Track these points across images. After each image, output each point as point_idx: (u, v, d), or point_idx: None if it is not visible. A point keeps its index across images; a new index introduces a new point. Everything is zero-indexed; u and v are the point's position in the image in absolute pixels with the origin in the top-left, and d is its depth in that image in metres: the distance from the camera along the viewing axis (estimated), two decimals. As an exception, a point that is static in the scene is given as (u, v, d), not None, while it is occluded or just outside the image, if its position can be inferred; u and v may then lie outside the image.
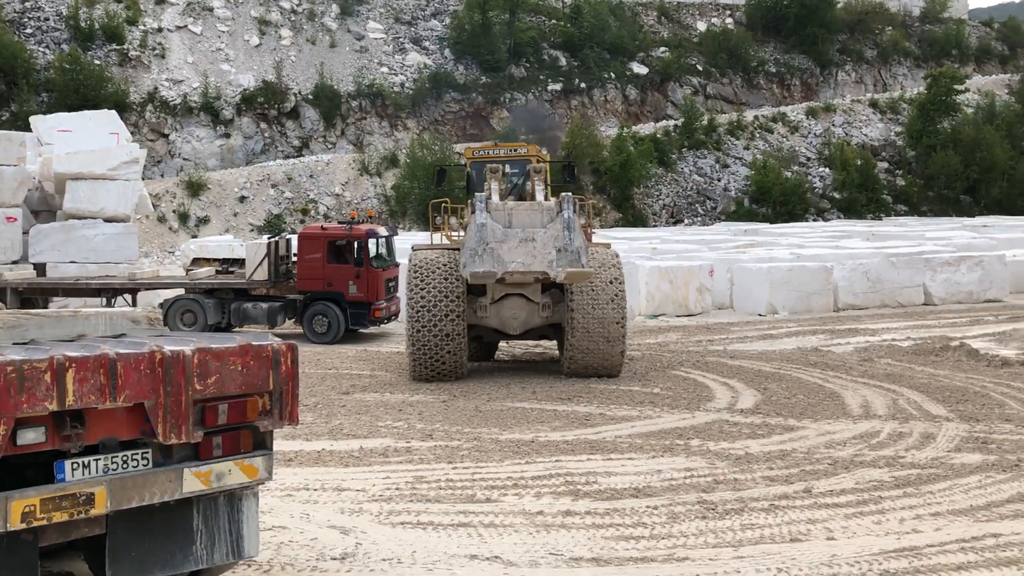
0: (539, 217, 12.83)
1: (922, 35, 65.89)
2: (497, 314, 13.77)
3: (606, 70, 54.26)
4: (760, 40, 60.08)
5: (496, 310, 13.76)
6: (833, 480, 8.36)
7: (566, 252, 12.38)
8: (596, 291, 13.51)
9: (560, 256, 12.39)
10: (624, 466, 9.05)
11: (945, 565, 6.00)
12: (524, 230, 12.60)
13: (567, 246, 12.39)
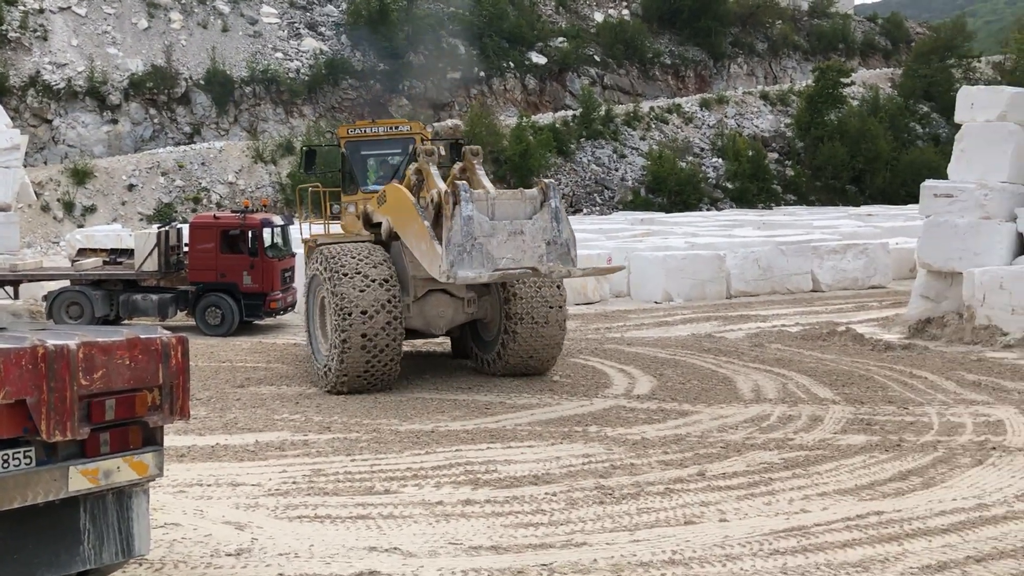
0: (523, 207, 11.36)
1: (810, 29, 67.91)
2: (421, 313, 12.76)
3: (505, 59, 54.36)
4: (656, 32, 61.02)
5: (419, 309, 12.75)
6: (726, 463, 8.58)
7: (555, 245, 11.16)
8: (539, 283, 12.68)
9: (550, 250, 11.15)
10: (523, 454, 9.12)
11: (831, 543, 6.22)
12: (512, 222, 11.15)
13: (556, 238, 11.17)
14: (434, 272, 11.30)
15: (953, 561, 5.83)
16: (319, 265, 12.62)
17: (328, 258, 12.44)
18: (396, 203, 12.35)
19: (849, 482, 7.87)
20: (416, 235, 11.75)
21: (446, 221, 11.02)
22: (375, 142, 14.61)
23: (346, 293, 11.98)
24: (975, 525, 6.57)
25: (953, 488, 7.56)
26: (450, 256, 10.83)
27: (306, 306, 13.50)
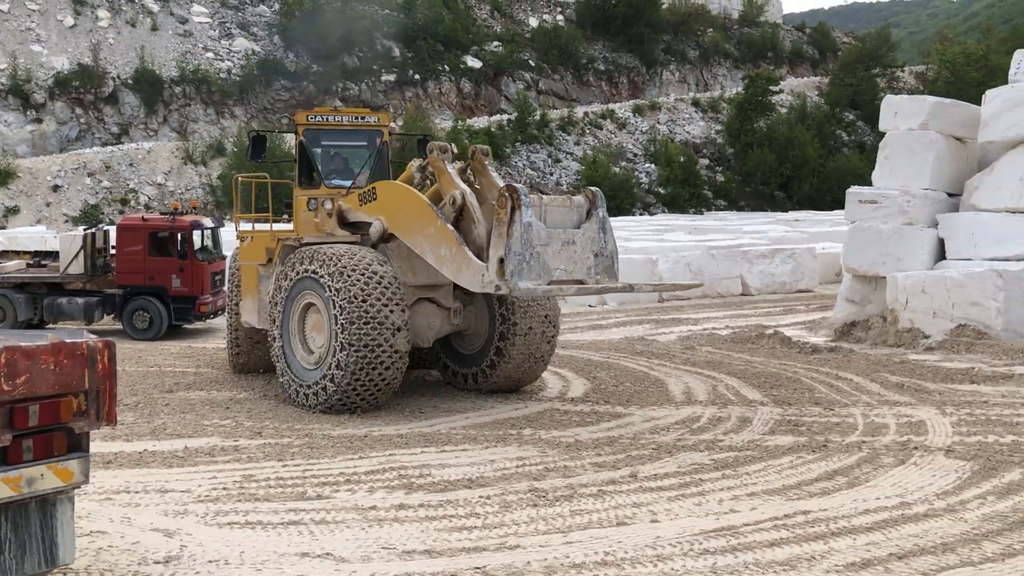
0: (571, 215, 10.45)
1: (741, 37, 69.11)
2: (410, 323, 11.60)
3: (440, 62, 54.29)
4: (590, 38, 61.55)
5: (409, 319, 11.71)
6: (657, 464, 8.69)
7: (602, 257, 10.40)
8: None
9: (597, 262, 10.38)
10: (458, 457, 9.11)
11: (759, 542, 6.34)
12: (565, 231, 10.30)
13: (602, 250, 10.41)
14: (469, 281, 10.42)
15: (876, 558, 5.97)
16: (313, 268, 11.19)
17: (329, 260, 11.06)
18: (399, 202, 11.31)
19: (777, 482, 8.02)
20: (435, 239, 10.76)
21: (498, 226, 10.03)
22: (338, 132, 13.13)
23: (365, 299, 10.73)
24: (897, 523, 6.74)
25: (877, 487, 7.76)
26: (510, 265, 9.87)
27: (277, 314, 11.71)
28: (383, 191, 11.65)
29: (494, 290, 10.10)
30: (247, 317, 13.09)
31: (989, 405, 11.18)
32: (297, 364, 11.52)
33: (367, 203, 11.77)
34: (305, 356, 11.48)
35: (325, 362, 11.06)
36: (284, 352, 11.65)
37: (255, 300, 12.97)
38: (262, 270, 12.87)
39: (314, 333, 11.42)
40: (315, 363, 11.28)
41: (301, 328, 11.57)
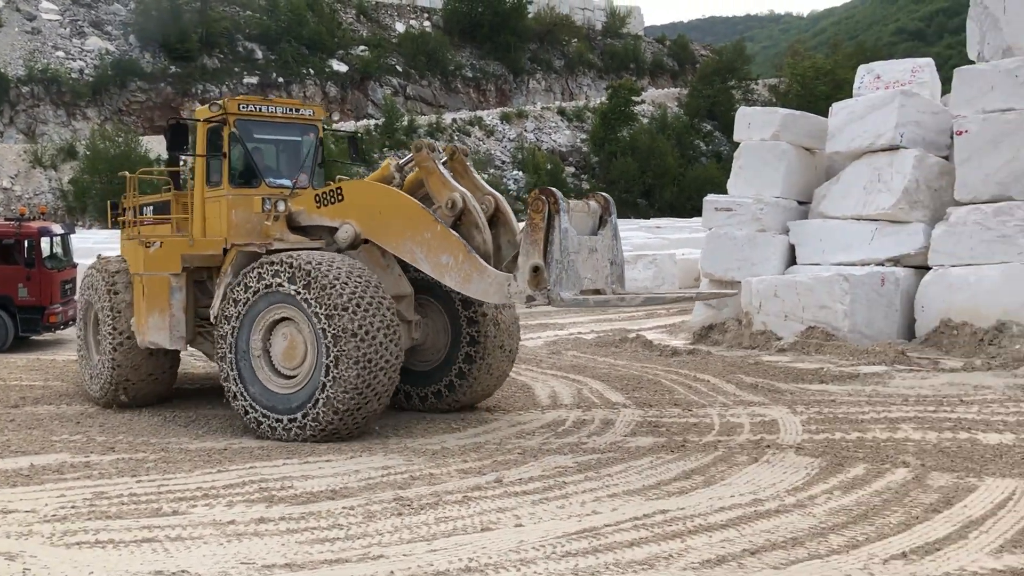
0: (588, 222, 10.05)
1: (604, 48, 70.58)
2: None
3: (305, 66, 53.46)
4: (457, 45, 61.76)
5: None
6: (523, 469, 8.76)
7: (615, 266, 10.07)
8: (498, 308, 11.37)
9: (612, 270, 10.04)
10: (321, 468, 8.96)
11: (620, 543, 6.46)
12: (589, 238, 9.90)
13: (615, 258, 10.09)
14: (484, 292, 9.71)
15: (731, 555, 6.17)
16: (289, 280, 9.94)
17: (311, 271, 9.83)
18: (378, 205, 10.41)
19: (638, 483, 8.20)
20: (433, 246, 9.95)
21: (532, 232, 9.36)
22: (272, 124, 11.64)
23: (346, 310, 9.69)
24: (751, 519, 6.99)
25: (732, 485, 8.02)
26: (552, 274, 9.28)
27: (228, 332, 10.40)
28: (353, 192, 10.68)
29: (524, 301, 9.50)
30: (153, 337, 11.47)
31: (836, 404, 11.72)
32: (262, 389, 10.21)
33: (328, 205, 10.75)
34: (275, 379, 10.22)
35: (310, 384, 9.90)
36: (241, 376, 10.32)
37: (166, 316, 11.36)
38: (175, 281, 11.36)
39: (287, 353, 10.14)
40: (296, 386, 10.06)
41: (266, 348, 10.31)
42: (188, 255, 11.36)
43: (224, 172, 11.24)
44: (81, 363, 12.92)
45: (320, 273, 9.82)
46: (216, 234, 11.26)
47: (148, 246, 11.63)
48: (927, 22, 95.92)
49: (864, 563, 5.91)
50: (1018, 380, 13.25)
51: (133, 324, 11.83)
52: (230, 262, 10.91)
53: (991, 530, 6.54)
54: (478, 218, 10.06)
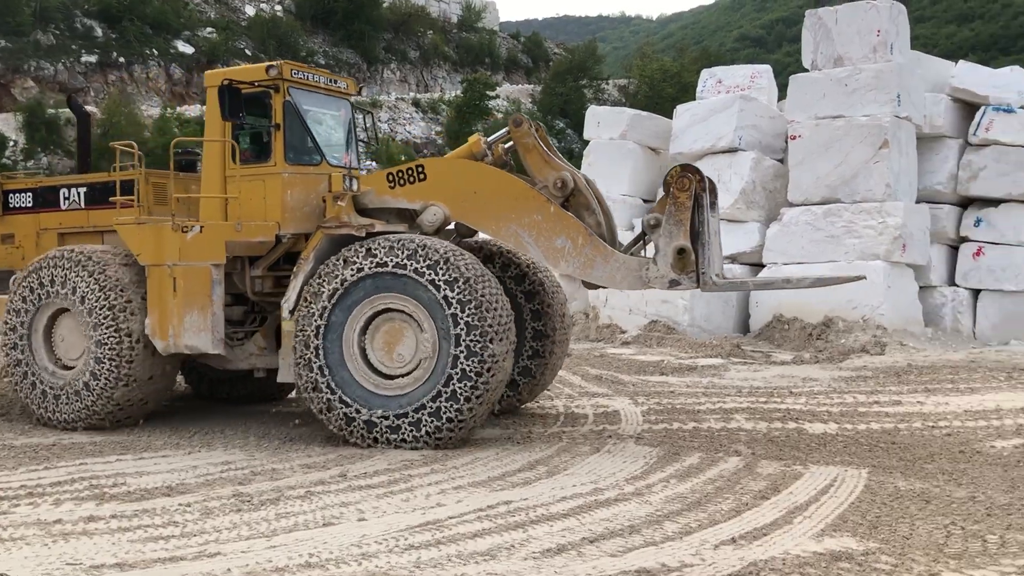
0: None
1: (459, 42, 70.62)
2: None
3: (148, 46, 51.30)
4: (310, 31, 60.55)
5: None
6: (368, 463, 8.69)
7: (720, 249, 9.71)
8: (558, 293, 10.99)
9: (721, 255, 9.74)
10: (157, 464, 8.65)
11: (463, 534, 6.49)
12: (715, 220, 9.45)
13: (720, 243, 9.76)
14: (610, 278, 9.17)
15: (571, 543, 6.30)
16: (412, 263, 8.94)
17: (452, 258, 8.91)
18: (474, 184, 9.55)
19: (483, 474, 8.26)
20: (545, 229, 9.23)
21: (677, 212, 8.81)
22: (317, 96, 10.36)
23: (492, 305, 8.89)
24: (591, 508, 7.15)
25: (574, 475, 8.19)
26: (704, 256, 8.86)
27: (314, 325, 9.24)
28: (439, 170, 9.77)
29: (665, 286, 9.01)
30: (191, 340, 9.81)
31: (675, 395, 12.14)
32: (362, 391, 9.19)
33: (406, 184, 9.77)
34: (376, 379, 9.22)
35: (428, 383, 8.99)
36: (334, 378, 9.20)
37: (207, 314, 9.77)
38: (216, 273, 9.81)
39: (390, 348, 9.20)
40: (408, 386, 9.11)
41: (362, 344, 9.27)
42: (233, 242, 9.79)
43: (278, 147, 9.81)
44: (22, 381, 10.48)
45: (462, 263, 8.91)
46: (258, 218, 9.84)
47: (186, 231, 9.88)
48: (768, 30, 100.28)
49: (696, 549, 6.13)
50: (843, 373, 14.04)
51: (148, 327, 9.94)
52: (313, 248, 9.65)
53: (814, 515, 6.90)
54: (590, 198, 9.50)
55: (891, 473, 8.16)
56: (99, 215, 10.87)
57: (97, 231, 10.94)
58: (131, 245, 10.14)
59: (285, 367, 9.67)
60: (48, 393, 10.31)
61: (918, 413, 11.02)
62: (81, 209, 11.05)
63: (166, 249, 9.89)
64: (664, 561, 5.89)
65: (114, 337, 9.93)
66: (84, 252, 10.25)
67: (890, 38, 18.19)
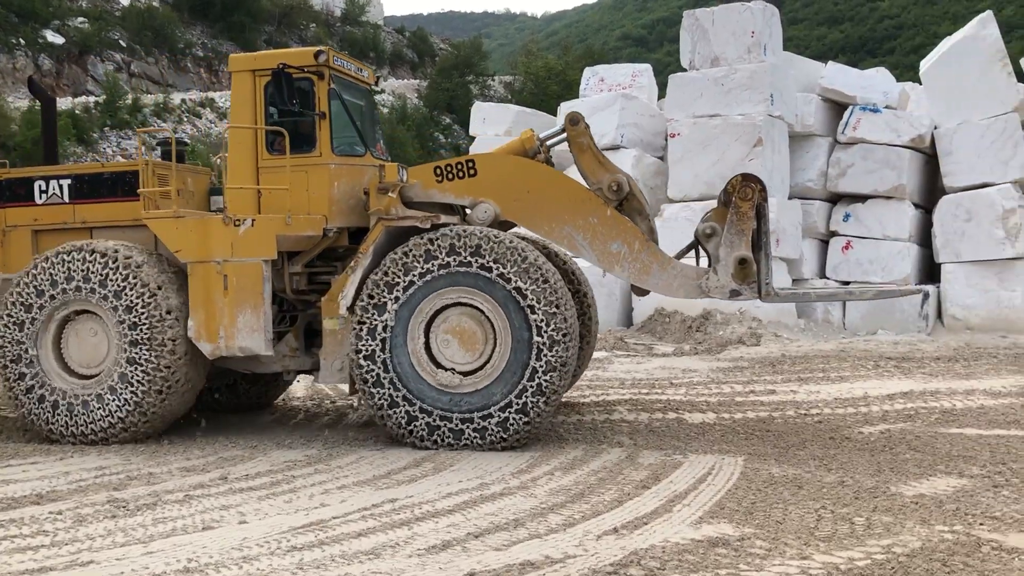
0: None
1: (343, 35, 69.74)
2: None
3: (14, 35, 49.02)
4: (187, 22, 58.88)
5: None
6: (250, 464, 8.53)
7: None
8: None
9: None
10: (26, 471, 8.30)
11: (347, 534, 6.44)
12: None
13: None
14: (667, 286, 9.15)
15: (456, 539, 6.31)
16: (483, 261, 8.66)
17: (527, 254, 8.65)
18: (528, 183, 9.29)
19: (368, 473, 8.21)
20: (600, 233, 9.14)
21: (739, 222, 8.83)
22: (349, 85, 9.96)
23: (566, 306, 8.69)
24: (476, 503, 7.18)
25: (459, 471, 8.21)
26: (766, 267, 8.99)
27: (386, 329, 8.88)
28: (491, 166, 9.48)
29: (727, 297, 9.01)
30: (245, 341, 9.22)
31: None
32: (429, 389, 8.87)
33: (454, 179, 9.43)
34: (442, 376, 8.89)
35: (500, 381, 8.73)
36: (399, 376, 8.88)
37: (260, 313, 9.21)
38: (266, 269, 9.26)
39: (451, 344, 8.87)
40: (478, 383, 8.82)
41: (427, 340, 8.93)
42: (283, 236, 9.24)
43: (324, 136, 9.32)
44: (25, 394, 9.50)
45: (538, 260, 8.66)
46: (300, 211, 9.28)
47: (238, 225, 9.22)
48: (649, 29, 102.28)
49: (580, 540, 6.23)
50: (721, 364, 14.47)
51: (193, 330, 9.25)
52: (373, 241, 9.15)
53: (693, 503, 7.10)
54: (644, 203, 9.44)
55: (766, 460, 8.45)
56: (89, 210, 9.92)
57: (85, 227, 9.92)
58: (169, 241, 9.37)
59: (327, 368, 9.22)
60: (59, 405, 9.41)
61: (791, 402, 11.44)
62: (64, 203, 9.96)
63: (215, 245, 9.22)
64: (548, 553, 5.97)
65: (155, 339, 9.16)
66: (108, 247, 9.35)
67: (764, 39, 18.80)
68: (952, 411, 10.71)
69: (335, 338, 9.12)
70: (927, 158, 19.72)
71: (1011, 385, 12.33)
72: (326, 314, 9.16)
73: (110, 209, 9.86)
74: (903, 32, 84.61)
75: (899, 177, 19.06)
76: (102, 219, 9.86)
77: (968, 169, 18.54)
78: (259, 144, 9.40)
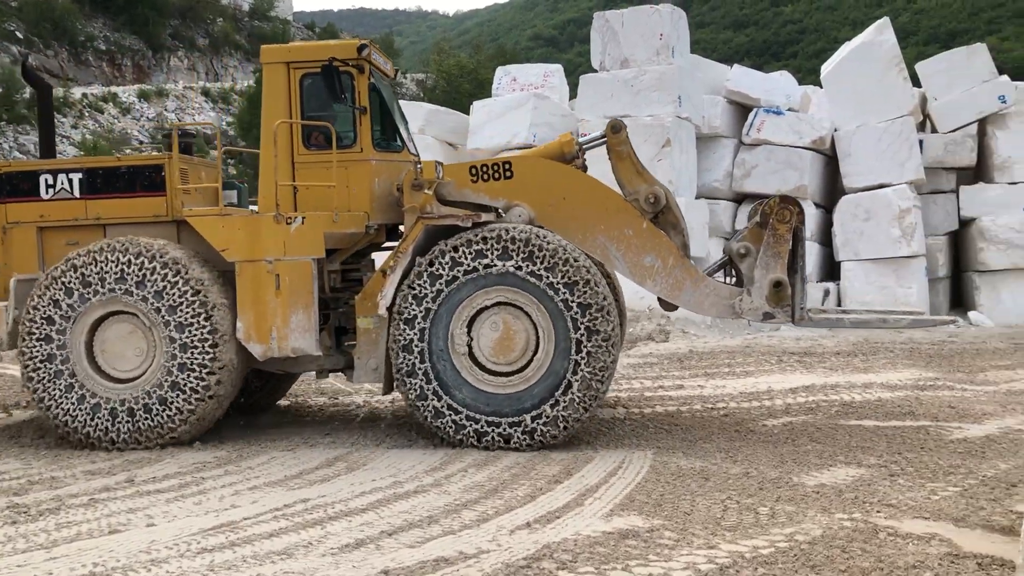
0: None
1: (251, 30, 68.60)
2: None
3: (-99, 24, 46.95)
4: (88, 15, 57.17)
5: None
6: (157, 467, 8.36)
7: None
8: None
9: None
10: (-82, 478, 7.99)
11: (258, 535, 6.37)
12: None
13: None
14: (698, 304, 9.15)
15: (369, 537, 6.31)
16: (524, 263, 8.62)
17: (569, 255, 8.60)
18: (564, 189, 9.19)
19: (280, 473, 8.13)
20: (635, 245, 9.10)
21: (776, 244, 8.87)
22: (382, 80, 9.84)
23: (609, 309, 8.63)
24: (390, 501, 7.18)
25: (373, 470, 8.19)
26: (800, 291, 9.01)
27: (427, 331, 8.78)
28: (528, 169, 9.30)
29: (759, 318, 8.96)
30: (298, 342, 9.02)
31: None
32: (475, 392, 8.79)
33: (489, 180, 9.29)
34: (487, 378, 8.81)
35: (543, 380, 8.67)
36: (442, 382, 8.79)
37: (310, 313, 9.03)
38: (315, 268, 9.09)
39: (500, 345, 8.78)
40: (523, 383, 8.74)
41: (469, 341, 8.82)
42: (331, 234, 9.11)
43: (365, 132, 9.17)
44: (64, 395, 9.05)
45: (583, 263, 8.59)
46: (340, 207, 9.13)
47: (290, 222, 9.00)
48: (560, 30, 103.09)
49: (493, 535, 6.29)
50: (631, 359, 14.70)
51: (242, 331, 8.98)
52: (413, 239, 8.97)
53: (604, 496, 7.22)
54: (679, 218, 9.38)
55: (674, 453, 8.64)
56: (103, 205, 9.44)
57: (99, 224, 9.46)
58: (215, 239, 9.05)
59: (361, 367, 9.05)
60: (102, 408, 9.00)
61: (699, 396, 11.71)
62: (74, 199, 9.44)
63: (266, 243, 8.97)
64: (461, 549, 6.01)
65: (207, 340, 8.86)
66: (149, 245, 8.97)
67: (672, 42, 19.15)
68: (851, 404, 11.10)
69: (369, 337, 8.99)
70: (827, 159, 20.36)
71: (906, 378, 12.83)
72: (360, 312, 9.03)
73: (128, 205, 9.41)
74: (806, 36, 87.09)
75: (801, 178, 19.63)
76: (118, 215, 9.43)
77: (866, 170, 19.20)
78: (295, 139, 9.20)
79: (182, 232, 9.40)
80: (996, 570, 5.47)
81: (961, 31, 73.61)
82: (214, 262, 9.19)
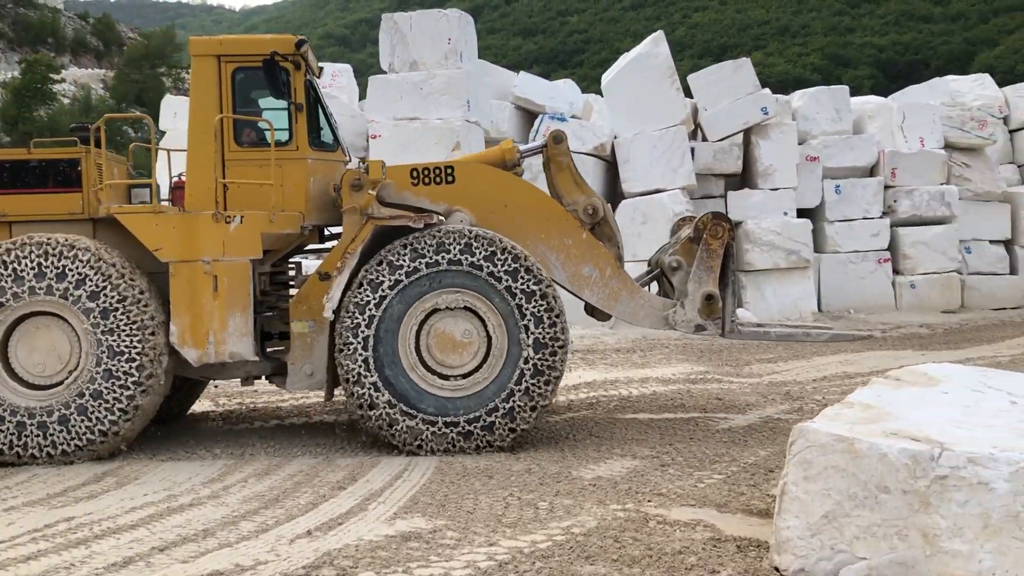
0: None
1: (16, 18, 63.96)
2: None
3: None
4: None
5: None
6: (-103, 491, 7.63)
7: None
8: None
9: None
10: None
11: (14, 559, 5.93)
12: None
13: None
14: (633, 314, 9.31)
15: (139, 554, 6.01)
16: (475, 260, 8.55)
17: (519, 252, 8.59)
18: (506, 196, 9.21)
19: (41, 491, 7.61)
20: (573, 255, 9.23)
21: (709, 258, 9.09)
22: (312, 77, 9.48)
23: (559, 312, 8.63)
24: (163, 516, 6.87)
25: (146, 484, 7.81)
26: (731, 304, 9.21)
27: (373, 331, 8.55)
28: (470, 175, 9.21)
29: (690, 330, 9.18)
30: (236, 346, 8.59)
31: (259, 395, 12.00)
32: (420, 393, 8.57)
33: (431, 185, 9.13)
34: (434, 380, 8.62)
35: (496, 382, 8.58)
36: (386, 381, 8.52)
37: (247, 316, 8.64)
38: (251, 269, 8.71)
39: (447, 347, 8.61)
40: (473, 386, 8.61)
41: (418, 343, 8.58)
42: (267, 235, 8.75)
43: (301, 129, 8.85)
44: None
45: (535, 266, 8.58)
46: (276, 207, 8.74)
47: (229, 222, 8.50)
48: (352, 30, 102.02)
49: (272, 545, 6.14)
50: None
51: (176, 335, 8.42)
52: (362, 240, 8.63)
53: (388, 500, 7.20)
54: (615, 230, 9.48)
55: (459, 453, 8.73)
56: (8, 201, 8.67)
57: (4, 222, 8.68)
58: (147, 238, 8.44)
59: (296, 373, 8.77)
60: (8, 420, 8.33)
61: (486, 397, 11.88)
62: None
63: (203, 243, 8.45)
64: (238, 561, 5.83)
65: (135, 347, 8.30)
66: (72, 241, 8.33)
67: (460, 47, 19.35)
68: (628, 398, 11.60)
69: (304, 341, 8.72)
70: (608, 165, 21.18)
71: (680, 372, 13.54)
72: (295, 316, 8.75)
73: (38, 202, 8.70)
74: (590, 46, 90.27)
75: (584, 182, 20.29)
76: (27, 213, 8.69)
77: (643, 176, 20.11)
78: (226, 135, 8.82)
79: (98, 231, 8.81)
80: (753, 551, 5.86)
81: (732, 46, 78.47)
82: (137, 262, 8.67)
